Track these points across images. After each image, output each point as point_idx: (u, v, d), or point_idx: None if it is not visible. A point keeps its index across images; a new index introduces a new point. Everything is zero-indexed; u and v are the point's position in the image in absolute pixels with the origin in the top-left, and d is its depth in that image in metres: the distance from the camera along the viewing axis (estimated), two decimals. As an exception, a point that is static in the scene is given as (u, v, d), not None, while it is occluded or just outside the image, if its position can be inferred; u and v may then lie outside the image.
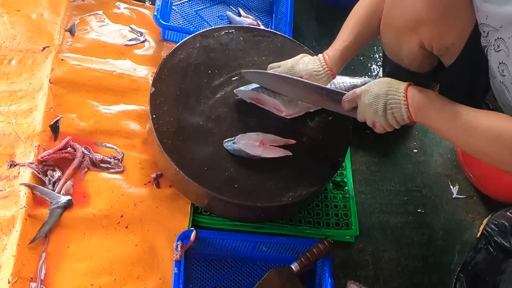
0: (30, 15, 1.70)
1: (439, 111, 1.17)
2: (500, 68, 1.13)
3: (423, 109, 1.19)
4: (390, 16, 1.33)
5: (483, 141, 1.10)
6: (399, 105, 1.21)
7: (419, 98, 1.20)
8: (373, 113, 1.25)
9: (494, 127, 1.08)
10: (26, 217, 1.31)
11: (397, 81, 1.25)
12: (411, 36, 1.31)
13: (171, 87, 1.44)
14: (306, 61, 1.42)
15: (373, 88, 1.25)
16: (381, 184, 1.79)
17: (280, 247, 1.47)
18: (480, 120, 1.11)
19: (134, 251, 1.38)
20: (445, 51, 1.29)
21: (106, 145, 1.52)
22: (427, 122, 1.21)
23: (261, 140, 1.39)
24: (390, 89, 1.23)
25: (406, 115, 1.22)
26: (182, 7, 1.96)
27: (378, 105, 1.23)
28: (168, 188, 1.50)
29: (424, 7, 1.21)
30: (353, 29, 1.40)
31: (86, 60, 1.64)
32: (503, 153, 1.07)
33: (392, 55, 1.45)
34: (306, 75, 1.39)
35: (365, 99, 1.26)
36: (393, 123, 1.25)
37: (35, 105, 1.51)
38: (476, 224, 1.76)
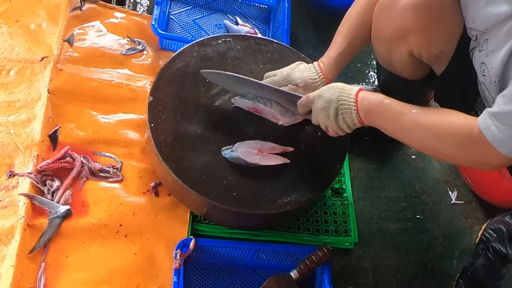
0: (29, 26, 1.72)
1: (385, 113, 1.21)
2: (481, 68, 1.15)
3: (371, 113, 1.23)
4: (378, 26, 1.34)
5: (428, 137, 1.14)
6: (349, 110, 1.25)
7: (367, 102, 1.23)
8: (325, 117, 1.29)
9: (438, 123, 1.12)
10: (25, 227, 1.31)
11: (349, 86, 1.28)
12: (400, 45, 1.32)
13: (169, 96, 1.45)
14: (302, 69, 1.44)
15: (326, 93, 1.28)
16: (380, 190, 1.79)
17: (279, 255, 1.47)
18: (424, 117, 1.15)
19: (133, 260, 1.38)
20: (435, 59, 1.30)
21: (105, 154, 1.53)
22: (376, 124, 1.24)
23: (259, 148, 1.39)
24: (342, 94, 1.26)
25: (357, 119, 1.26)
26: (179, 16, 1.97)
27: (329, 110, 1.27)
28: (166, 197, 1.50)
29: (411, 16, 1.22)
30: (346, 36, 1.41)
31: (84, 70, 1.65)
32: (449, 147, 1.11)
33: (384, 63, 1.47)
34: (302, 83, 1.40)
35: (317, 104, 1.29)
36: (344, 127, 1.29)
37: (33, 115, 1.52)
38: (475, 230, 1.76)
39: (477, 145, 1.04)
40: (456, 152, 1.11)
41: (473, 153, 1.08)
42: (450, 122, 1.10)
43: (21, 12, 1.75)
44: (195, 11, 2.01)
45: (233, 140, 1.41)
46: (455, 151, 1.11)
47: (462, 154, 1.10)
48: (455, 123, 1.09)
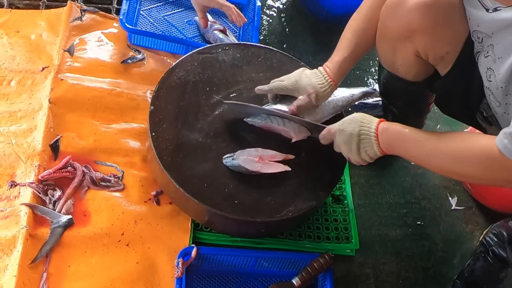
0: (29, 36, 1.73)
1: (406, 143, 1.24)
2: (488, 73, 1.16)
3: (393, 144, 1.26)
4: (385, 26, 1.35)
5: (451, 162, 1.16)
6: (371, 143, 1.28)
7: (388, 134, 1.26)
8: (347, 151, 1.33)
9: (459, 147, 1.14)
10: (27, 237, 1.32)
11: (370, 118, 1.30)
12: (407, 45, 1.33)
13: (169, 104, 1.46)
14: (309, 75, 1.44)
15: (347, 127, 1.30)
16: (380, 197, 1.80)
17: (281, 262, 1.47)
18: (444, 142, 1.17)
19: (135, 269, 1.38)
20: (440, 60, 1.31)
21: (106, 164, 1.53)
22: (399, 154, 1.28)
23: (260, 155, 1.40)
24: (363, 128, 1.28)
25: (379, 151, 1.28)
26: (150, 12, 1.98)
27: (351, 144, 1.30)
28: (168, 205, 1.51)
29: (419, 16, 1.24)
30: (351, 41, 1.42)
31: (85, 80, 1.65)
32: (473, 170, 1.13)
33: (388, 65, 1.47)
34: (312, 90, 1.41)
35: (339, 138, 1.33)
36: (367, 159, 1.32)
37: (35, 125, 1.53)
38: (475, 235, 1.77)
39: (500, 165, 1.05)
40: (480, 174, 1.12)
41: (497, 173, 1.09)
42: (471, 145, 1.11)
43: (22, 22, 1.76)
44: (165, 7, 2.02)
45: (234, 148, 1.41)
46: (480, 173, 1.12)
47: (486, 175, 1.12)
48: (476, 146, 1.10)
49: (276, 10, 2.20)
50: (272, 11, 2.19)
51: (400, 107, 1.65)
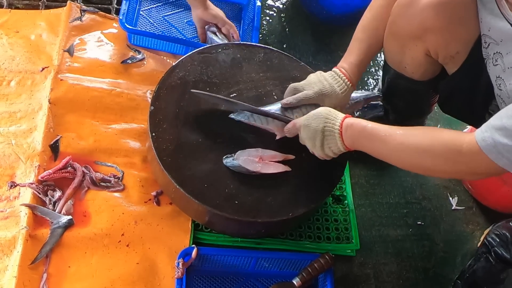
0: (29, 36, 1.72)
1: (370, 139, 1.23)
2: (497, 82, 1.15)
3: (357, 140, 1.26)
4: (396, 24, 1.35)
5: (416, 156, 1.16)
6: (335, 140, 1.28)
7: (352, 130, 1.25)
8: (311, 146, 1.33)
9: (424, 141, 1.14)
10: (27, 237, 1.32)
11: (335, 114, 1.29)
12: (417, 44, 1.33)
13: (170, 105, 1.45)
14: (330, 80, 1.42)
15: (312, 123, 1.30)
16: (381, 197, 1.80)
17: (281, 263, 1.47)
18: (409, 137, 1.17)
19: (136, 270, 1.38)
20: (450, 59, 1.31)
21: (106, 164, 1.53)
22: (364, 150, 1.28)
23: (260, 156, 1.39)
24: (327, 124, 1.28)
25: (342, 147, 1.29)
26: (149, 13, 1.98)
27: (315, 140, 1.30)
28: (168, 206, 1.50)
29: (432, 15, 1.23)
30: (365, 42, 1.43)
31: (85, 80, 1.65)
32: (437, 163, 1.12)
33: (395, 64, 1.47)
34: (336, 100, 1.41)
35: (303, 133, 1.33)
36: (330, 154, 1.33)
37: (34, 125, 1.52)
38: (476, 235, 1.76)
39: (466, 157, 1.06)
40: (445, 167, 1.12)
41: (463, 165, 1.09)
42: (436, 139, 1.12)
43: (21, 22, 1.76)
44: (165, 7, 2.02)
45: (234, 149, 1.41)
46: (444, 166, 1.12)
47: (451, 168, 1.12)
48: (442, 139, 1.11)
49: (276, 10, 2.20)
50: (272, 11, 2.19)
51: (401, 107, 1.65)
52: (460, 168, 1.11)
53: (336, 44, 2.07)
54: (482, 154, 1.02)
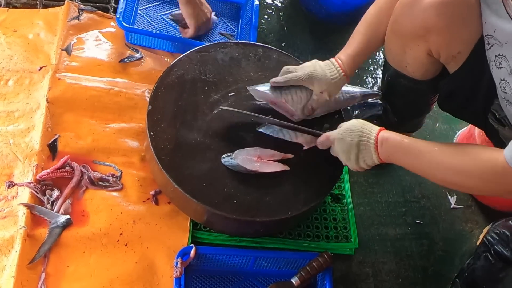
0: (27, 36, 1.72)
1: (405, 155, 1.25)
2: (502, 85, 1.15)
3: (393, 155, 1.27)
4: (398, 23, 1.34)
5: (451, 175, 1.17)
6: (370, 154, 1.29)
7: (387, 146, 1.26)
8: (345, 159, 1.34)
9: (460, 160, 1.15)
10: (25, 237, 1.31)
11: (369, 127, 1.30)
12: (419, 43, 1.32)
13: (168, 104, 1.45)
14: (323, 66, 1.43)
15: (346, 137, 1.31)
16: (379, 195, 1.79)
17: (280, 262, 1.47)
18: (445, 155, 1.18)
19: (134, 269, 1.38)
20: (452, 59, 1.30)
21: (104, 163, 1.53)
22: (398, 164, 1.29)
23: (259, 155, 1.39)
24: (362, 138, 1.29)
25: (378, 160, 1.30)
26: (147, 11, 1.98)
27: (350, 154, 1.31)
28: (167, 205, 1.50)
29: (434, 15, 1.23)
30: (364, 35, 1.43)
31: (83, 79, 1.65)
32: (473, 183, 1.14)
33: (396, 63, 1.47)
34: (326, 86, 1.41)
35: (338, 147, 1.34)
36: (364, 167, 1.34)
37: (32, 124, 1.52)
38: (475, 234, 1.76)
39: (502, 177, 1.07)
40: (483, 186, 1.14)
41: (498, 185, 1.11)
42: (472, 159, 1.13)
43: (19, 22, 1.76)
44: (163, 6, 2.01)
45: (233, 148, 1.41)
46: (480, 185, 1.14)
47: (489, 187, 1.14)
48: (479, 158, 1.12)
49: (275, 9, 2.19)
50: (270, 10, 2.18)
51: (401, 106, 1.64)
52: (496, 188, 1.13)
53: (335, 42, 2.06)
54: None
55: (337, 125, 1.38)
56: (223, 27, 2.03)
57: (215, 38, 1.98)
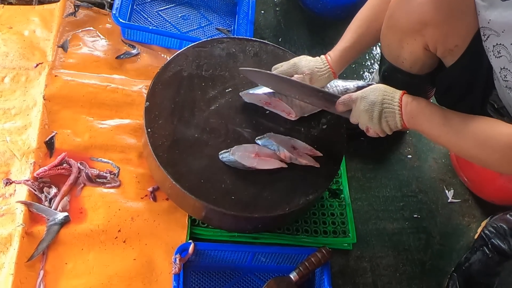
0: (22, 32, 1.71)
1: (430, 119, 1.23)
2: (503, 73, 1.15)
3: (416, 118, 1.25)
4: (394, 18, 1.34)
5: (473, 145, 1.16)
6: (393, 113, 1.27)
7: (412, 107, 1.25)
8: (368, 119, 1.30)
9: (483, 132, 1.14)
10: (23, 235, 1.31)
11: (392, 89, 1.29)
12: (416, 38, 1.32)
13: (165, 100, 1.45)
14: (309, 59, 1.46)
15: (370, 95, 1.29)
16: (377, 190, 1.80)
17: (278, 257, 1.47)
18: (469, 125, 1.17)
19: (133, 266, 1.38)
20: (449, 53, 1.30)
21: (102, 160, 1.53)
22: (420, 129, 1.27)
23: (256, 151, 1.39)
24: (386, 97, 1.27)
25: (400, 122, 1.27)
26: (143, 7, 1.97)
27: (373, 112, 1.28)
28: (165, 201, 1.50)
29: (431, 9, 1.22)
30: (355, 31, 1.43)
31: (80, 76, 1.64)
32: (495, 157, 1.12)
33: (392, 58, 1.47)
34: (308, 71, 1.42)
35: (361, 105, 1.30)
36: (386, 129, 1.31)
37: (29, 122, 1.51)
38: (472, 228, 1.77)
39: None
40: (501, 162, 1.12)
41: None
42: (496, 133, 1.12)
43: (15, 18, 1.75)
44: (159, 2, 2.01)
45: (231, 144, 1.41)
46: (500, 161, 1.12)
47: (506, 164, 1.12)
48: (502, 134, 1.10)
49: (271, 4, 2.19)
50: (267, 5, 2.18)
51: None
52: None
53: (331, 38, 2.06)
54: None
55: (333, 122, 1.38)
56: (219, 22, 2.03)
57: (212, 33, 1.98)
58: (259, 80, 1.48)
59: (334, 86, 1.69)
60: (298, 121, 1.50)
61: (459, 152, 1.24)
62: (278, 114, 1.50)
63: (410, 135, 1.94)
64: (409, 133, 1.94)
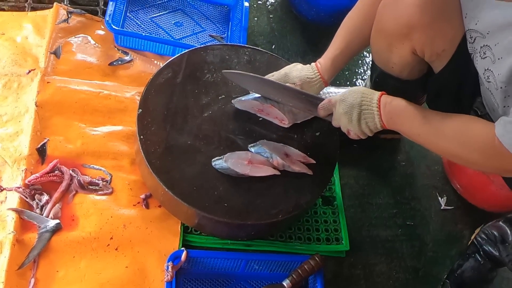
0: (15, 39, 1.71)
1: (409, 119, 1.23)
2: (486, 74, 1.16)
3: (395, 118, 1.26)
4: (382, 22, 1.35)
5: (453, 144, 1.16)
6: (372, 114, 1.27)
7: (391, 107, 1.26)
8: (347, 121, 1.31)
9: (462, 131, 1.15)
10: (14, 242, 1.30)
11: (371, 91, 1.30)
12: (404, 42, 1.32)
13: (158, 107, 1.45)
14: (299, 68, 1.46)
15: (348, 97, 1.30)
16: (370, 197, 1.80)
17: (272, 264, 1.47)
18: (448, 124, 1.17)
19: (125, 273, 1.37)
20: (436, 57, 1.31)
21: (94, 167, 1.52)
22: (400, 129, 1.27)
23: (249, 158, 1.39)
24: (364, 99, 1.28)
25: (379, 123, 1.28)
26: (137, 14, 1.97)
27: (352, 114, 1.29)
28: (157, 209, 1.50)
29: (417, 12, 1.23)
30: (344, 38, 1.43)
31: (72, 82, 1.64)
32: (474, 154, 1.13)
33: (382, 63, 1.47)
34: (300, 82, 1.42)
35: (340, 108, 1.31)
36: (366, 131, 1.31)
37: (21, 128, 1.51)
38: (465, 235, 1.77)
39: (498, 153, 1.06)
40: (480, 159, 1.13)
41: (496, 161, 1.10)
42: (473, 130, 1.13)
43: (7, 25, 1.74)
44: (153, 10, 2.01)
45: (224, 151, 1.41)
46: (479, 159, 1.13)
47: (485, 161, 1.13)
48: (478, 131, 1.11)
49: (265, 11, 2.19)
50: (260, 12, 2.18)
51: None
52: (494, 164, 1.12)
53: (325, 44, 2.01)
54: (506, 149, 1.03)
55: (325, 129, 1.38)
56: (213, 29, 2.04)
57: (206, 40, 1.98)
58: (242, 82, 1.48)
59: (326, 93, 1.70)
60: (291, 128, 1.50)
61: (439, 151, 1.25)
62: (271, 121, 1.50)
63: (404, 142, 1.95)
64: (402, 140, 1.95)
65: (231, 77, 1.49)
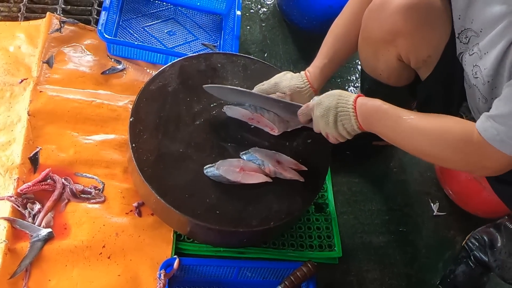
0: (8, 48, 1.71)
1: (384, 119, 1.22)
2: (474, 70, 1.17)
3: (370, 118, 1.24)
4: (367, 30, 1.36)
5: (427, 143, 1.15)
6: (348, 116, 1.26)
7: (366, 108, 1.24)
8: (324, 124, 1.30)
9: (436, 128, 1.14)
10: (6, 251, 1.30)
11: (348, 93, 1.30)
12: (389, 49, 1.34)
13: (150, 115, 1.45)
14: (289, 77, 1.46)
15: (324, 101, 1.29)
16: (363, 204, 1.80)
17: (264, 272, 1.47)
18: (422, 122, 1.16)
19: (117, 282, 1.37)
20: (422, 64, 1.32)
21: (87, 175, 1.52)
22: (376, 130, 1.25)
23: (241, 166, 1.40)
24: (340, 101, 1.27)
25: (356, 125, 1.26)
26: (129, 24, 1.99)
27: (328, 117, 1.28)
28: (150, 217, 1.50)
29: (401, 20, 1.25)
30: (332, 46, 1.44)
31: (65, 91, 1.64)
32: (447, 153, 1.12)
33: (370, 70, 1.49)
34: (290, 91, 1.43)
35: (317, 111, 1.31)
36: (344, 134, 1.30)
37: (13, 137, 1.51)
38: (457, 240, 1.78)
39: (476, 149, 1.06)
40: (455, 157, 1.12)
41: (473, 157, 1.09)
42: (448, 127, 1.12)
43: (0, 34, 1.74)
44: (145, 19, 2.03)
45: (216, 158, 1.41)
46: (454, 156, 1.12)
47: (461, 159, 1.12)
48: (453, 128, 1.11)
49: (257, 19, 2.21)
50: (252, 20, 2.20)
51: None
52: (470, 160, 1.10)
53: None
54: (487, 144, 1.03)
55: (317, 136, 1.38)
56: (205, 38, 2.05)
57: (198, 49, 1.99)
58: (224, 96, 1.49)
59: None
60: (283, 135, 1.51)
61: (414, 151, 1.23)
62: (262, 129, 1.51)
63: (396, 148, 1.94)
64: (394, 147, 1.95)
65: (212, 91, 1.49)
